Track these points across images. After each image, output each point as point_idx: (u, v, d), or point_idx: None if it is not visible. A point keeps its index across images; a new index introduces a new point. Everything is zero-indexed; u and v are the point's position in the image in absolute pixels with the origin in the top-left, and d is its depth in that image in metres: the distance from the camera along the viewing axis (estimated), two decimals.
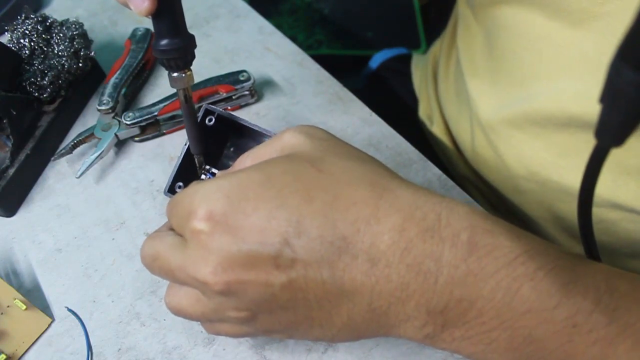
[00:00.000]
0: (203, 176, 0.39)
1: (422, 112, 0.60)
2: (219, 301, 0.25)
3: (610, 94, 0.19)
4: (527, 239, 0.24)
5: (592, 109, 0.34)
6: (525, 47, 0.38)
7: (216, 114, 0.37)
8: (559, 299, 0.23)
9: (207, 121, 0.38)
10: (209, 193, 0.24)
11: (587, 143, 0.37)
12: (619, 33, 0.31)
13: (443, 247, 0.23)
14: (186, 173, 0.38)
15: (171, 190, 0.38)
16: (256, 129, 0.36)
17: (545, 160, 0.40)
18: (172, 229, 0.28)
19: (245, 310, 0.25)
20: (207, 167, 0.39)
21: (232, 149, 0.41)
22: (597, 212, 0.38)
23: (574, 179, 0.39)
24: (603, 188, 0.36)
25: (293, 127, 0.28)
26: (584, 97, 0.34)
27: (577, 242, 0.44)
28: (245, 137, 0.40)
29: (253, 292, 0.24)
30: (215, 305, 0.26)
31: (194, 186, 0.26)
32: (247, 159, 0.29)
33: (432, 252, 0.23)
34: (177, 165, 0.38)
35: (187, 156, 0.38)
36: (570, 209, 0.41)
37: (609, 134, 0.20)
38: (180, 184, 0.38)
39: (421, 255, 0.23)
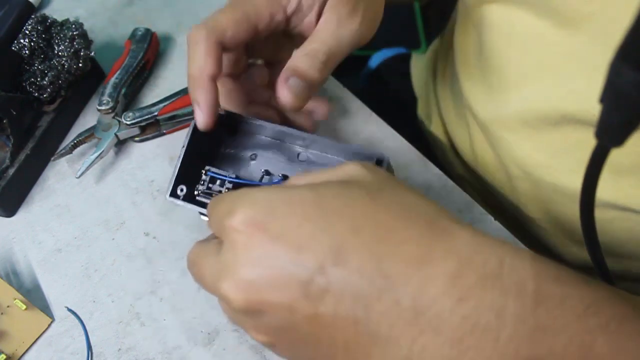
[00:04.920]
0: (204, 176, 0.38)
1: (421, 112, 0.60)
2: (240, 317, 0.24)
3: (611, 94, 0.19)
4: (593, 286, 0.22)
5: (584, 106, 0.34)
6: (515, 47, 0.38)
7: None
8: (635, 353, 0.20)
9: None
10: (255, 199, 0.23)
11: (579, 143, 0.37)
12: (608, 31, 0.31)
13: (507, 297, 0.20)
14: (188, 175, 0.37)
15: (173, 194, 0.36)
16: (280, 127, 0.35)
17: (537, 161, 0.40)
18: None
19: (264, 334, 0.24)
20: (207, 167, 0.38)
21: (227, 150, 0.40)
22: None
23: (567, 180, 0.39)
24: (598, 187, 0.36)
25: (357, 161, 0.26)
26: (576, 95, 0.34)
27: (573, 243, 0.44)
28: (242, 135, 0.39)
29: (273, 317, 0.22)
30: (238, 320, 0.25)
31: (243, 190, 0.25)
32: (301, 179, 0.27)
33: (494, 303, 0.20)
34: (178, 167, 0.37)
35: (188, 157, 0.37)
36: (565, 209, 0.41)
37: (610, 134, 0.21)
38: (183, 187, 0.36)
39: (480, 307, 0.20)
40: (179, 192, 0.36)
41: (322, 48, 0.34)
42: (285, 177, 0.37)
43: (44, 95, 0.44)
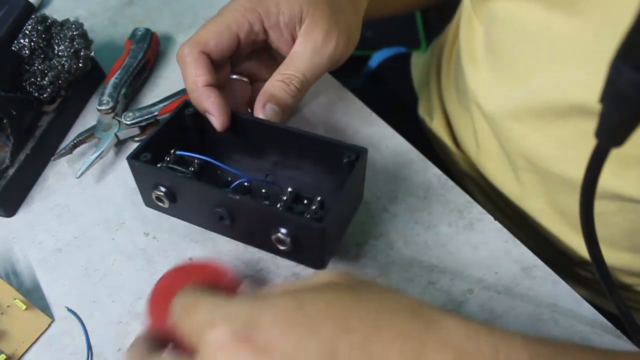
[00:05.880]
0: (169, 157, 0.37)
1: (422, 109, 0.60)
2: None
3: (611, 94, 0.19)
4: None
5: (593, 96, 0.34)
6: (523, 39, 0.39)
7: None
8: None
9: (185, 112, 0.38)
10: (236, 311, 0.22)
11: (586, 134, 0.37)
12: (616, 20, 0.31)
13: None
14: (159, 147, 0.36)
15: (136, 156, 0.35)
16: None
17: (544, 152, 0.40)
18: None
19: None
20: (174, 150, 0.37)
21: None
22: (596, 204, 0.38)
23: (574, 171, 0.39)
24: (603, 179, 0.36)
25: (330, 271, 0.25)
26: (585, 85, 0.35)
27: (577, 233, 0.44)
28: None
29: None
30: None
31: (219, 300, 0.23)
32: (276, 288, 0.25)
33: None
34: (154, 133, 0.36)
35: (167, 128, 0.37)
36: (570, 200, 0.41)
37: (609, 133, 0.21)
38: (148, 154, 0.35)
39: None
40: (142, 157, 0.35)
41: (297, 75, 0.36)
42: (270, 183, 0.38)
43: (44, 95, 0.44)
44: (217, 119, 0.36)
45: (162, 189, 0.34)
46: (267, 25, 0.37)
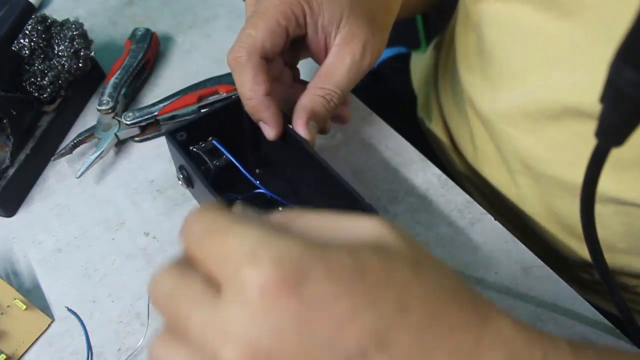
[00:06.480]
0: (205, 143, 0.38)
1: (421, 110, 0.60)
2: None
3: (611, 94, 0.19)
4: None
5: (586, 98, 0.34)
6: (516, 41, 0.39)
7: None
8: None
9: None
10: (285, 253, 0.18)
11: (581, 135, 0.37)
12: (608, 22, 0.32)
13: None
14: (199, 130, 0.37)
15: (172, 133, 0.36)
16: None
17: (539, 154, 0.40)
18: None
19: None
20: (212, 138, 0.38)
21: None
22: None
23: (568, 173, 0.39)
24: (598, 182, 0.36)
25: (378, 217, 0.22)
26: (578, 87, 0.35)
27: (574, 237, 0.44)
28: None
29: None
30: None
31: (263, 231, 0.19)
32: (315, 228, 0.21)
33: None
34: (201, 115, 0.37)
35: (215, 115, 0.37)
36: (565, 203, 0.41)
37: (610, 134, 0.21)
38: (184, 133, 0.37)
39: None
40: (178, 136, 0.36)
41: (337, 92, 0.36)
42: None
43: (44, 95, 0.44)
44: (272, 130, 0.35)
45: (184, 172, 0.36)
46: (308, 21, 0.36)
